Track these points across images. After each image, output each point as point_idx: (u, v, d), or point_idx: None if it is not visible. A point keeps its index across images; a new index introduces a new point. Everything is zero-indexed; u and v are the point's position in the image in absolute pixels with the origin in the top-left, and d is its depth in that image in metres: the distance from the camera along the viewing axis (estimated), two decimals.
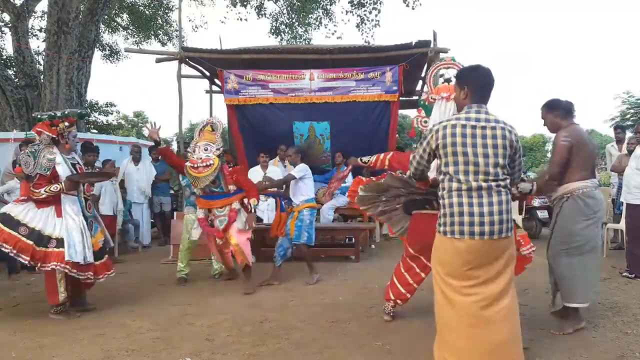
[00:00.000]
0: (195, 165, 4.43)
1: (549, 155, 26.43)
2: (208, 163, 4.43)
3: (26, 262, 3.71)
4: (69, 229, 3.77)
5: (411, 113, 19.62)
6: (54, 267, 3.67)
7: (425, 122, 3.95)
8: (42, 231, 3.74)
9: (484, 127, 2.47)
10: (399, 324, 3.69)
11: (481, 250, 2.44)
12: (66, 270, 3.70)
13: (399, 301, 3.68)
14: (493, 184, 2.45)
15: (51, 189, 3.78)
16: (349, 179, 7.39)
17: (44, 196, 3.76)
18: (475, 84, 2.61)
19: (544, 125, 3.66)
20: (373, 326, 3.63)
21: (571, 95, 66.76)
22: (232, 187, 4.71)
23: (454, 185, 2.47)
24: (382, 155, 4.04)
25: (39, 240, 3.71)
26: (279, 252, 5.11)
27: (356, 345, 3.25)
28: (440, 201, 2.56)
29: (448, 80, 3.80)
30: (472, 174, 2.44)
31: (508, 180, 2.54)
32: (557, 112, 3.53)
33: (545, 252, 3.72)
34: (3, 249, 3.63)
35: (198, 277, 5.39)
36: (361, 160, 4.32)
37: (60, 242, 3.72)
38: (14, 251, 3.63)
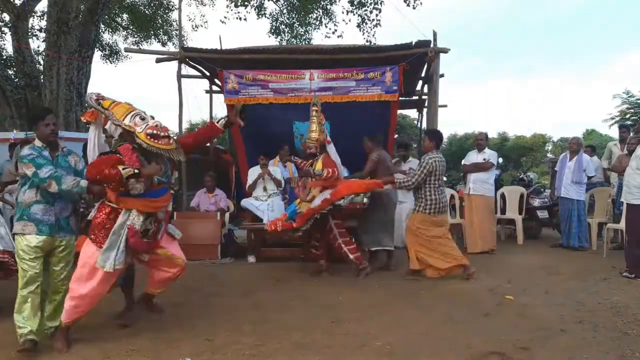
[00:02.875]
0: (157, 133, 3.08)
1: (549, 155, 26.44)
2: (169, 133, 3.17)
3: None
4: None
5: (411, 113, 19.65)
6: None
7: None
8: None
9: (442, 161, 5.15)
10: (399, 323, 3.69)
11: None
12: None
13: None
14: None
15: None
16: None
17: None
18: (438, 140, 5.36)
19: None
20: (373, 326, 3.63)
21: (571, 95, 66.74)
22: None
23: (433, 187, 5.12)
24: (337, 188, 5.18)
25: None
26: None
27: (356, 345, 3.25)
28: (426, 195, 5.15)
29: None
30: (439, 182, 5.14)
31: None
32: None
33: (545, 252, 3.71)
34: None
35: (198, 277, 5.38)
36: (313, 172, 5.32)
37: None
38: None
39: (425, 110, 9.25)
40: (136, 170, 3.04)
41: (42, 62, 12.00)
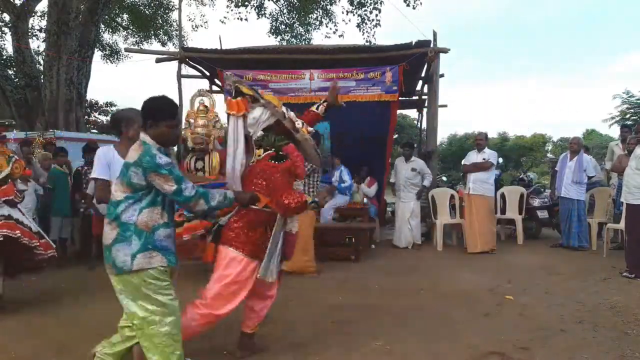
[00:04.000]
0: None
1: (549, 155, 26.44)
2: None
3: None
4: None
5: (411, 113, 19.66)
6: None
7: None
8: None
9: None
10: (398, 323, 3.69)
11: None
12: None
13: None
14: None
15: None
16: (347, 179, 7.38)
17: None
18: None
19: None
20: (373, 326, 3.63)
21: (571, 95, 66.68)
22: None
23: None
24: None
25: None
26: None
27: (356, 345, 3.25)
28: None
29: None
30: None
31: None
32: None
33: (545, 252, 3.72)
34: None
35: (198, 277, 5.37)
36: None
37: None
38: None
39: (425, 110, 9.26)
40: (316, 203, 2.82)
41: (42, 62, 12.00)
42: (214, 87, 9.42)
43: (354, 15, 13.59)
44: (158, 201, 2.39)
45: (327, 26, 14.75)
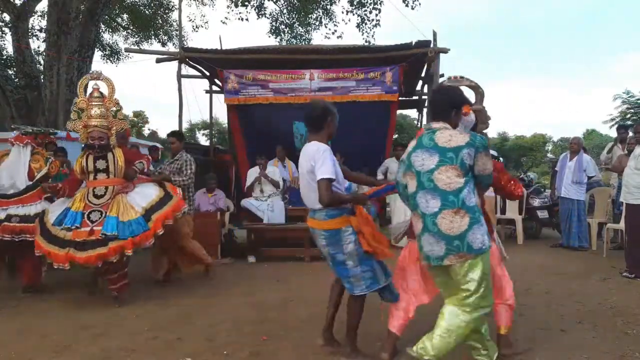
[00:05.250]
0: None
1: (549, 155, 26.45)
2: None
3: None
4: None
5: (411, 113, 19.67)
6: None
7: None
8: None
9: None
10: None
11: None
12: None
13: None
14: None
15: None
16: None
17: None
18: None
19: None
20: (373, 326, 3.62)
21: (571, 95, 66.63)
22: None
23: None
24: None
25: None
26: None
27: (356, 345, 3.24)
28: None
29: None
30: None
31: None
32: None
33: (545, 252, 3.73)
34: None
35: (198, 277, 5.38)
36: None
37: None
38: None
39: (425, 110, 9.26)
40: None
41: (42, 62, 11.98)
42: (214, 87, 9.43)
43: (353, 15, 13.60)
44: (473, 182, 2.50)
45: (326, 27, 14.75)
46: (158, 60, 8.06)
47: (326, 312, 3.15)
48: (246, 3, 14.05)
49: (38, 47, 14.53)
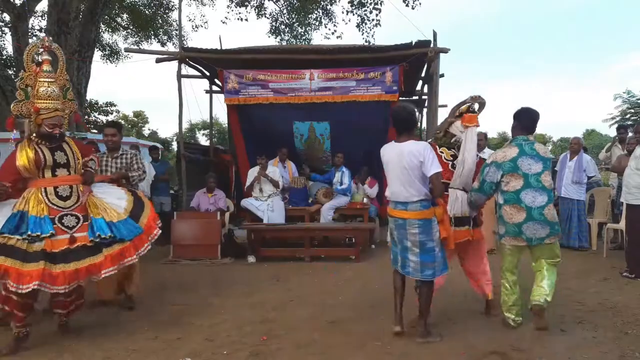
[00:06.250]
0: None
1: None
2: None
3: None
4: None
5: None
6: None
7: None
8: None
9: None
10: None
11: None
12: None
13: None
14: None
15: None
16: (346, 181, 7.41)
17: None
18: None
19: None
20: (373, 326, 3.62)
21: (571, 95, 66.64)
22: None
23: None
24: None
25: None
26: None
27: (356, 345, 3.25)
28: None
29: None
30: None
31: None
32: None
33: None
34: None
35: (198, 277, 5.39)
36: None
37: None
38: None
39: (425, 110, 9.26)
40: None
41: None
42: (214, 87, 9.43)
43: (353, 15, 13.59)
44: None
45: (326, 27, 14.75)
46: (158, 60, 8.06)
47: (395, 302, 3.44)
48: (246, 3, 14.06)
49: None
